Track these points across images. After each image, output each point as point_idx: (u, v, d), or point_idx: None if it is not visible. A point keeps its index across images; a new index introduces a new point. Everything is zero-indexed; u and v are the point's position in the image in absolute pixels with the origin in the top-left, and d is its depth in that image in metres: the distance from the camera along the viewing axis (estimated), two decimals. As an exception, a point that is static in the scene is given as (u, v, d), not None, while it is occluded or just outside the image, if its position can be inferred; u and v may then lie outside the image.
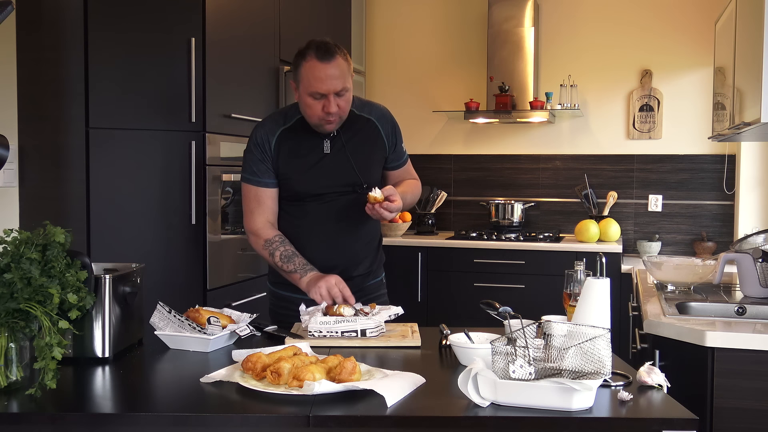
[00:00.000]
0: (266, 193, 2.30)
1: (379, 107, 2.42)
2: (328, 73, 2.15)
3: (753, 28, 2.56)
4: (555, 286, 2.45)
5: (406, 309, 2.19)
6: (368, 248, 2.41)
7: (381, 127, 2.37)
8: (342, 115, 2.23)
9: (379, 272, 2.48)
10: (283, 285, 2.37)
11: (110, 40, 2.93)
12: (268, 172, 2.29)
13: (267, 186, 2.30)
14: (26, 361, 1.61)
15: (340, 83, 2.17)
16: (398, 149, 2.42)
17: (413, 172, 2.54)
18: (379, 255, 2.48)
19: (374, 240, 2.44)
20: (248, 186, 2.32)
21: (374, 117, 2.37)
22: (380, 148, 2.37)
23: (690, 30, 4.61)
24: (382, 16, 5.17)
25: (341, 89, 2.17)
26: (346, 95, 2.20)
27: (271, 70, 3.57)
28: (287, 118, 2.33)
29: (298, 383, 1.51)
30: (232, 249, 3.26)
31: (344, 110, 2.22)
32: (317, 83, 2.15)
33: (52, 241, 1.63)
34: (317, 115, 2.19)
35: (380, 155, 2.38)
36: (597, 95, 4.80)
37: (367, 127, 2.35)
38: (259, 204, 2.31)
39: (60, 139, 2.94)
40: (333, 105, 2.17)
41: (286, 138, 2.29)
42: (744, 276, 2.68)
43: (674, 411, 1.45)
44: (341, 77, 2.17)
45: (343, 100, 2.20)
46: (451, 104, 4.99)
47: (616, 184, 4.77)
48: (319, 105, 2.18)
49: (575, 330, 1.47)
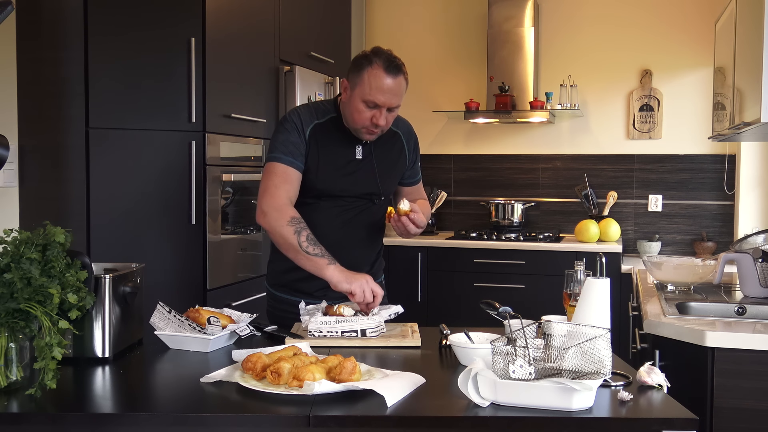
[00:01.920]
0: (295, 174, 2.21)
1: (405, 122, 2.45)
2: (391, 86, 2.15)
3: (753, 28, 2.56)
4: (555, 286, 2.45)
5: (406, 309, 2.18)
6: (367, 257, 2.40)
7: (406, 141, 2.40)
8: (385, 130, 2.25)
9: (378, 274, 2.47)
10: (283, 287, 2.36)
11: (110, 40, 2.93)
12: (301, 156, 2.23)
13: (297, 168, 2.22)
14: (26, 361, 1.61)
15: (397, 100, 2.18)
16: (416, 167, 2.45)
17: (423, 193, 2.56)
18: (377, 263, 2.47)
19: (375, 251, 2.45)
20: (276, 164, 2.21)
21: (401, 131, 2.40)
22: (401, 163, 2.40)
23: (690, 30, 4.61)
24: (382, 16, 5.17)
25: (395, 106, 2.20)
26: (394, 112, 2.23)
27: (271, 70, 3.57)
28: (320, 113, 2.29)
29: (298, 383, 1.51)
30: (232, 249, 3.26)
31: (389, 125, 2.25)
32: (378, 93, 2.14)
33: (52, 241, 1.63)
34: (364, 124, 2.19)
35: (401, 169, 2.40)
36: (597, 95, 4.80)
37: (394, 139, 2.38)
38: (285, 181, 2.20)
39: (60, 139, 2.94)
40: (383, 118, 2.18)
41: (319, 132, 2.26)
42: (744, 276, 2.68)
43: (674, 411, 1.45)
44: (399, 95, 2.18)
45: (391, 115, 2.22)
46: (451, 104, 4.99)
47: (616, 184, 4.77)
48: (369, 114, 2.17)
49: (575, 330, 1.47)
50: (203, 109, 3.03)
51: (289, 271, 2.27)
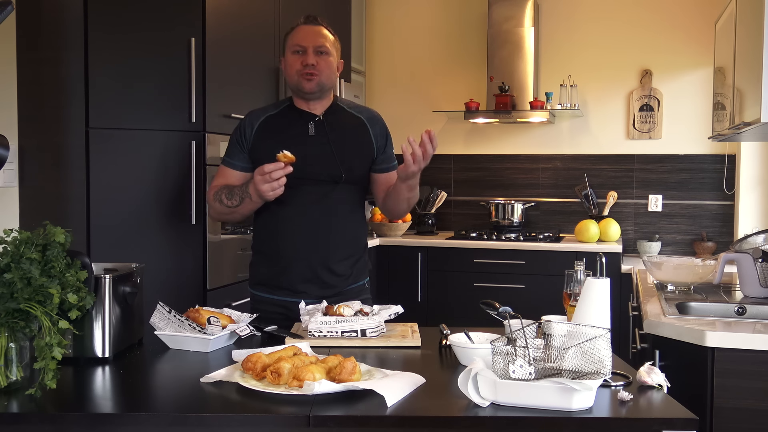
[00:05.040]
0: (232, 173, 2.35)
1: (370, 110, 2.46)
2: (310, 30, 2.30)
3: (753, 28, 2.56)
4: (555, 286, 2.45)
5: (406, 309, 2.18)
6: (347, 248, 2.36)
7: (370, 127, 2.38)
8: (321, 74, 2.28)
9: (360, 277, 2.42)
10: (261, 286, 2.38)
11: (110, 40, 2.93)
12: (239, 156, 2.35)
13: (234, 168, 2.35)
14: (26, 361, 1.61)
15: (321, 40, 2.29)
16: (388, 152, 2.41)
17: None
18: (362, 259, 2.42)
19: (355, 240, 2.40)
20: (221, 166, 2.39)
21: (364, 117, 2.40)
22: (367, 147, 2.36)
23: (690, 30, 4.61)
24: (382, 16, 5.17)
25: (321, 45, 2.28)
26: (326, 57, 2.30)
27: (271, 70, 3.57)
28: (277, 105, 2.42)
29: (298, 383, 1.51)
30: (232, 249, 3.26)
31: (324, 72, 2.29)
32: (298, 38, 2.29)
33: (52, 241, 1.63)
34: (297, 69, 2.28)
35: (366, 154, 2.36)
36: (597, 95, 4.80)
37: (356, 124, 2.38)
38: (220, 177, 2.36)
39: (60, 139, 2.94)
40: (311, 57, 2.26)
41: (271, 122, 2.35)
42: (744, 276, 2.68)
43: (674, 411, 1.45)
44: (322, 37, 2.29)
45: (322, 59, 2.29)
46: (451, 104, 4.99)
47: (616, 184, 4.77)
48: (299, 59, 2.28)
49: (575, 330, 1.47)
50: (203, 109, 3.03)
51: (268, 267, 2.35)
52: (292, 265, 2.30)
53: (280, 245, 2.31)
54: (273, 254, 2.34)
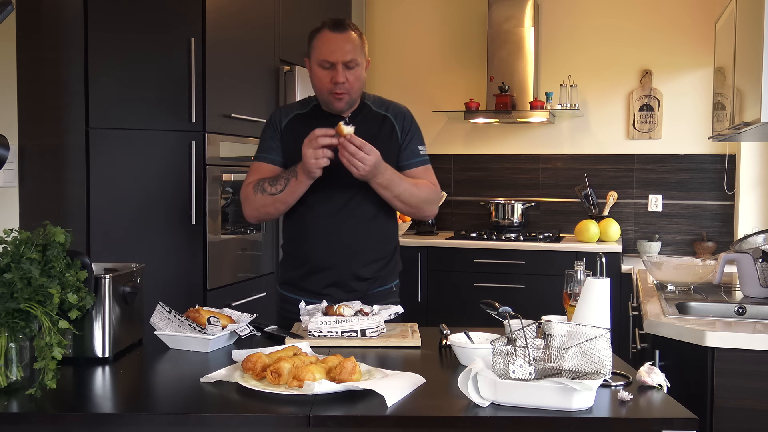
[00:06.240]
0: (265, 166, 2.29)
1: (398, 105, 2.40)
2: (338, 42, 2.17)
3: (753, 28, 2.56)
4: (555, 286, 2.45)
5: (406, 309, 2.18)
6: (374, 251, 2.32)
7: (396, 122, 2.34)
8: (351, 92, 2.21)
9: (388, 279, 2.38)
10: (287, 286, 2.36)
11: (110, 40, 2.93)
12: (276, 150, 2.29)
13: (271, 162, 2.29)
14: (26, 361, 1.61)
15: (350, 54, 2.18)
16: (412, 147, 2.35)
17: (432, 178, 2.40)
18: (392, 261, 2.39)
19: (384, 242, 2.36)
20: (254, 163, 2.32)
21: (390, 114, 2.35)
22: (394, 145, 2.32)
23: (690, 30, 4.61)
24: (382, 16, 5.17)
25: (350, 60, 2.18)
26: (356, 70, 2.20)
27: (271, 70, 3.57)
28: (304, 105, 2.36)
29: (298, 383, 1.51)
30: (232, 249, 3.26)
31: (353, 86, 2.21)
32: (327, 52, 2.17)
33: (52, 241, 1.63)
34: (326, 87, 2.20)
35: (393, 152, 2.31)
36: (597, 95, 4.80)
37: (383, 123, 2.32)
38: (254, 173, 2.30)
39: (60, 139, 2.94)
40: (341, 75, 2.17)
41: (298, 121, 2.29)
42: (744, 276, 2.68)
43: (674, 411, 1.45)
44: (352, 50, 2.18)
45: (352, 74, 2.19)
46: (451, 104, 4.99)
47: (616, 184, 4.77)
48: (328, 75, 2.19)
49: (575, 330, 1.47)
50: (203, 109, 3.03)
51: (295, 268, 2.33)
52: (317, 269, 2.29)
53: (306, 248, 2.29)
54: (299, 256, 2.33)
